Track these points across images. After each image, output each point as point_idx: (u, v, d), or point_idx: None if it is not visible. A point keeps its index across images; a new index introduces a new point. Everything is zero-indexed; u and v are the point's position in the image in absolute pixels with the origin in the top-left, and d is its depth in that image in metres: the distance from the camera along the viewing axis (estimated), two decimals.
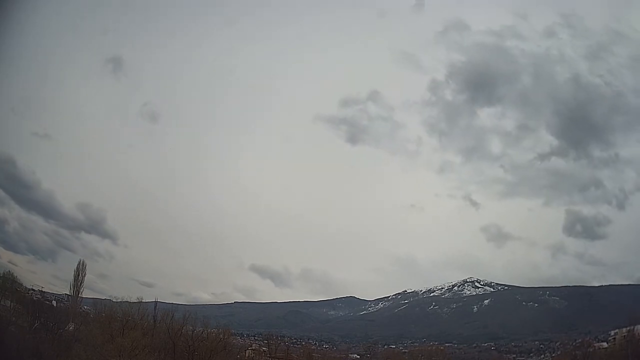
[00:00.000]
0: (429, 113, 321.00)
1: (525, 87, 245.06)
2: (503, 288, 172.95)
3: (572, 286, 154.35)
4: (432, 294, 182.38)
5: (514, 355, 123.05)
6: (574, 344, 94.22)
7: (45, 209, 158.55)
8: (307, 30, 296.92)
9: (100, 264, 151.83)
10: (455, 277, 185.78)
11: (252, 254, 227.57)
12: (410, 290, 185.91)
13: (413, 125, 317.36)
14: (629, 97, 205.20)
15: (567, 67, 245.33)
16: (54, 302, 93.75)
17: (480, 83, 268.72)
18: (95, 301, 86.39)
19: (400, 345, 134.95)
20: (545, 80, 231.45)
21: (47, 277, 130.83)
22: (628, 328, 79.40)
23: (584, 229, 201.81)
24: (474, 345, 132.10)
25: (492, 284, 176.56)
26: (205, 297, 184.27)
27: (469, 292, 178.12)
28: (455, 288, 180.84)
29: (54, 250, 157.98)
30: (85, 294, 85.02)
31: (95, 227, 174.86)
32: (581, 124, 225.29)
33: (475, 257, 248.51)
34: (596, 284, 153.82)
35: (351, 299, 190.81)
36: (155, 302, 73.27)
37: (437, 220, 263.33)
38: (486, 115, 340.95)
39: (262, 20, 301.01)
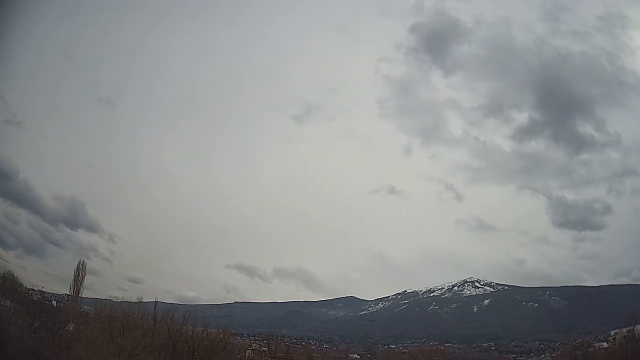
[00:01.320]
0: (382, 90, 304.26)
1: (481, 54, 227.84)
2: (503, 288, 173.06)
3: (572, 286, 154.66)
4: (432, 294, 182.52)
5: (514, 355, 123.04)
6: (574, 344, 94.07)
7: (28, 201, 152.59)
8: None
9: (90, 259, 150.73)
10: (455, 277, 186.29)
11: (232, 252, 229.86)
12: (410, 290, 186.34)
13: (366, 104, 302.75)
14: (604, 63, 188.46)
15: (525, 30, 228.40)
16: (54, 302, 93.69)
17: (431, 50, 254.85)
18: (95, 301, 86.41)
19: (400, 345, 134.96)
20: (502, 46, 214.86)
21: (37, 273, 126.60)
22: (628, 328, 79.32)
23: (576, 218, 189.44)
24: (474, 345, 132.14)
25: (492, 284, 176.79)
26: (190, 294, 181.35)
27: (469, 292, 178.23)
28: (455, 288, 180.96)
29: (41, 245, 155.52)
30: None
31: (78, 220, 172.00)
32: (558, 97, 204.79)
33: (460, 252, 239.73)
34: (596, 284, 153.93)
35: (351, 299, 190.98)
36: (155, 302, 73.33)
37: (412, 212, 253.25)
38: (445, 87, 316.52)
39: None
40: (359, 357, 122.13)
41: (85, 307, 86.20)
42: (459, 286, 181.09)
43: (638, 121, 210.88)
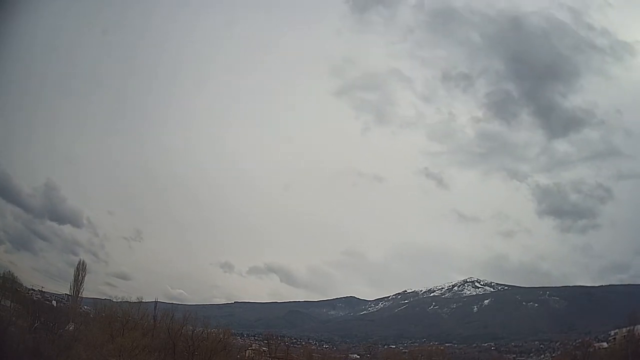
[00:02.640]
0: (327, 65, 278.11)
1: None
2: (503, 288, 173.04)
3: (572, 286, 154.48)
4: (432, 294, 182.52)
5: (514, 355, 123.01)
6: (574, 344, 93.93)
7: (11, 194, 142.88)
8: None
9: (76, 254, 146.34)
10: (456, 277, 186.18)
11: (218, 250, 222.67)
12: (410, 290, 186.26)
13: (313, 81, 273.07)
14: (577, 25, 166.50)
15: None
16: (54, 302, 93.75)
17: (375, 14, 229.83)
18: (95, 301, 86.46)
19: (400, 345, 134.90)
20: (444, 10, 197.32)
21: (26, 269, 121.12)
22: (628, 328, 79.24)
23: (561, 206, 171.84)
24: (474, 345, 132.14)
25: (492, 284, 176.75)
26: (175, 292, 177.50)
27: (469, 292, 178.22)
28: (455, 288, 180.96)
29: (29, 240, 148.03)
30: (62, 285, 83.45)
31: (62, 214, 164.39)
32: (524, 66, 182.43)
33: (438, 245, 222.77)
34: (596, 284, 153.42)
35: (351, 299, 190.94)
36: (155, 302, 73.47)
37: (383, 199, 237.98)
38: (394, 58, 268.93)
39: None
40: (359, 357, 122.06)
41: (85, 307, 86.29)
42: (459, 286, 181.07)
43: (620, 91, 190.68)
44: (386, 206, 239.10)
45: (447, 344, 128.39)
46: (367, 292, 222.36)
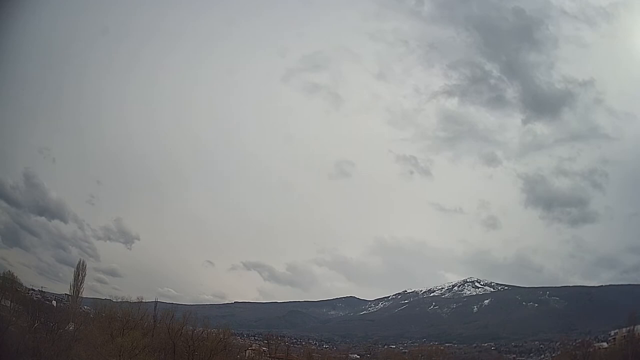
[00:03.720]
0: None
1: None
2: (503, 288, 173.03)
3: (572, 286, 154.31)
4: (432, 294, 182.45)
5: (514, 355, 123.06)
6: (574, 344, 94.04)
7: None
8: None
9: (65, 250, 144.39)
10: (455, 277, 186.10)
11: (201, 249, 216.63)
12: (410, 290, 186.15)
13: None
14: None
15: None
16: (54, 302, 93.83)
17: None
18: (95, 301, 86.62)
19: (400, 345, 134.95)
20: None
21: (17, 265, 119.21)
22: (628, 328, 79.42)
23: (549, 196, 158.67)
24: (474, 345, 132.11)
25: (492, 284, 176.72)
26: (164, 290, 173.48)
27: (469, 292, 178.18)
28: (455, 288, 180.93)
29: (19, 236, 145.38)
30: (52, 281, 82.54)
31: (50, 209, 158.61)
32: (494, 33, 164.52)
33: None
34: (596, 284, 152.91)
35: (351, 299, 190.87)
36: (155, 302, 73.81)
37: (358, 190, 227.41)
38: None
39: None
40: (359, 357, 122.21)
41: (85, 307, 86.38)
42: (459, 286, 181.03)
43: (596, 62, 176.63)
44: (363, 200, 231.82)
45: (447, 344, 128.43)
46: (367, 292, 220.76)
